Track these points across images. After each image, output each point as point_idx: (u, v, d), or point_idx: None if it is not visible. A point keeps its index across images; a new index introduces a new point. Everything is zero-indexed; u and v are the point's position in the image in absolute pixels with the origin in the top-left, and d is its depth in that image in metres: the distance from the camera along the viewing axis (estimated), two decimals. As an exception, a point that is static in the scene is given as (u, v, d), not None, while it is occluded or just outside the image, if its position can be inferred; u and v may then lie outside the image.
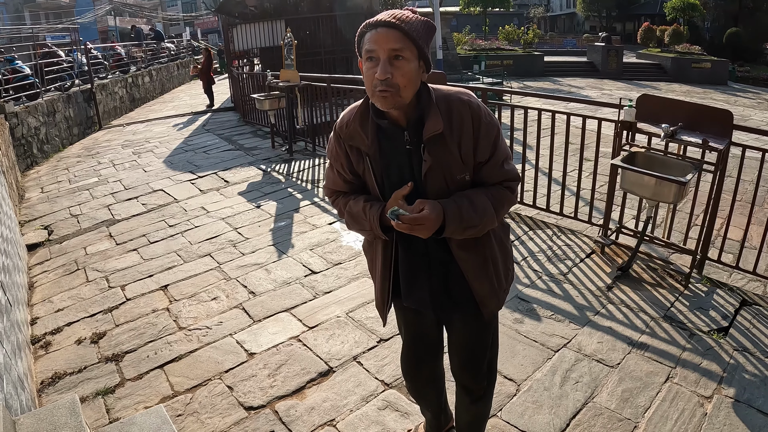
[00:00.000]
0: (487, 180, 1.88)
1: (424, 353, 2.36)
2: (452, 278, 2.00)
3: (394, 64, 1.67)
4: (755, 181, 4.30)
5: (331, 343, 3.64)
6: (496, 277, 2.02)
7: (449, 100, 1.80)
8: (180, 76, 24.68)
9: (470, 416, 2.42)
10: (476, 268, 1.96)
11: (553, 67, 26.06)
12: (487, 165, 1.85)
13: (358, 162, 1.90)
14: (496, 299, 2.07)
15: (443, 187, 1.83)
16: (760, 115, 15.05)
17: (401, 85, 1.68)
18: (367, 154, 1.85)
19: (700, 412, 2.91)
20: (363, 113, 1.85)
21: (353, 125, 1.85)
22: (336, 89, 8.24)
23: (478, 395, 2.31)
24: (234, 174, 7.91)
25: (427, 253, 1.95)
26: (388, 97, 1.68)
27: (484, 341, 2.22)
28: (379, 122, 1.81)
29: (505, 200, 1.89)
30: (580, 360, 3.36)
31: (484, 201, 1.81)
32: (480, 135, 1.80)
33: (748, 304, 3.94)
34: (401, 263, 2.03)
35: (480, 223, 1.81)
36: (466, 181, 1.85)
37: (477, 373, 2.25)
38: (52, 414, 2.44)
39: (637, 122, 4.42)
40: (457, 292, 2.02)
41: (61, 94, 11.89)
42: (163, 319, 4.05)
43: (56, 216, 6.71)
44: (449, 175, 1.81)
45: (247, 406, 3.09)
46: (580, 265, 4.56)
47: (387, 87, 1.66)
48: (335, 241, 5.25)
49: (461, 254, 1.93)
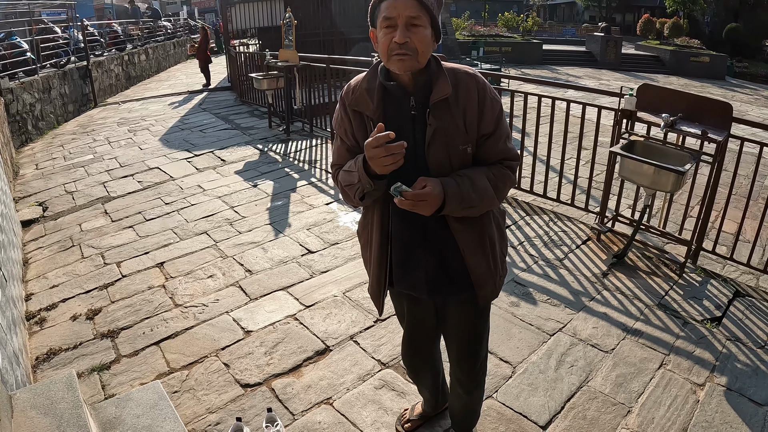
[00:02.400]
0: (489, 157, 1.90)
1: (422, 339, 2.38)
2: (449, 254, 1.99)
3: (411, 29, 1.71)
4: (750, 175, 4.32)
5: (328, 322, 3.65)
6: (492, 257, 2.03)
7: (456, 71, 1.85)
8: (176, 54, 24.43)
9: (462, 405, 2.46)
10: (473, 243, 1.96)
11: (552, 56, 26.01)
12: (489, 139, 1.87)
13: (360, 128, 1.90)
14: (493, 283, 2.06)
15: (445, 157, 1.83)
16: (757, 111, 15.10)
17: (419, 50, 1.72)
18: (371, 119, 1.84)
19: (692, 399, 2.95)
20: (370, 78, 1.88)
21: (359, 90, 1.87)
22: (335, 70, 8.19)
23: (470, 388, 2.34)
24: (230, 153, 7.88)
25: (424, 227, 1.94)
26: (405, 60, 1.72)
27: (479, 332, 2.24)
28: (387, 84, 1.83)
29: (506, 180, 1.91)
30: (575, 344, 3.39)
31: (484, 182, 1.82)
32: (485, 107, 1.83)
33: (741, 296, 3.98)
34: (395, 241, 2.01)
35: (479, 204, 1.83)
36: (467, 153, 1.86)
37: (472, 367, 2.28)
38: (49, 389, 2.44)
39: (637, 111, 4.43)
40: (453, 269, 2.01)
41: (57, 70, 11.75)
42: (159, 296, 4.05)
43: (51, 193, 6.67)
44: (452, 143, 1.82)
45: (243, 384, 3.10)
46: (576, 251, 4.58)
47: (406, 51, 1.71)
48: (332, 221, 5.25)
49: (459, 227, 1.93)
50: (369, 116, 1.85)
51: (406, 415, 2.77)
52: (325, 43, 12.92)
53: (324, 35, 13.07)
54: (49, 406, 2.34)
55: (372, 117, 1.83)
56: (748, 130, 4.74)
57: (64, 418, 2.29)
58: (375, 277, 2.11)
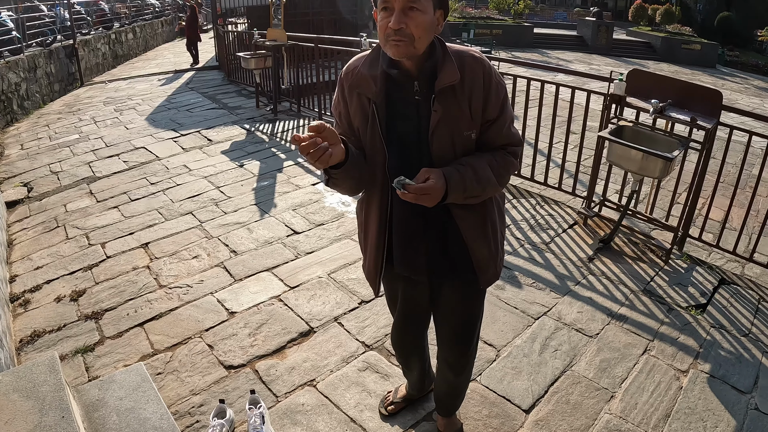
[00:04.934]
0: (492, 142, 1.85)
1: (414, 325, 2.37)
2: (450, 239, 1.95)
3: (408, 14, 1.63)
4: (737, 163, 4.32)
5: (312, 303, 3.63)
6: (494, 241, 2.00)
7: (462, 55, 1.77)
8: (164, 33, 24.13)
9: (449, 387, 2.44)
10: (475, 229, 1.93)
11: (542, 39, 25.89)
12: (494, 124, 1.82)
13: (359, 112, 1.83)
14: (494, 266, 2.04)
15: (448, 144, 1.78)
16: (746, 100, 15.15)
17: (415, 36, 1.64)
18: (374, 102, 1.78)
19: (675, 385, 2.96)
20: (372, 60, 1.80)
21: (361, 71, 1.80)
22: (323, 50, 8.11)
23: (459, 371, 2.32)
24: (217, 133, 7.81)
25: (426, 212, 1.85)
26: (401, 46, 1.65)
27: (476, 314, 2.22)
28: (390, 71, 1.75)
29: (509, 167, 1.86)
30: (559, 328, 3.39)
31: (487, 170, 1.78)
32: (491, 92, 1.77)
33: (726, 283, 4.00)
34: (396, 225, 1.97)
35: (482, 193, 1.80)
36: (471, 139, 1.81)
37: (466, 349, 2.26)
38: (31, 371, 2.41)
39: (627, 96, 4.41)
40: (455, 254, 1.98)
41: (43, 49, 11.58)
42: (144, 277, 4.01)
43: (36, 173, 6.58)
44: (456, 130, 1.77)
45: (227, 365, 3.08)
46: (562, 236, 4.58)
47: (401, 37, 1.63)
48: (318, 202, 5.22)
49: (460, 213, 1.89)
50: (371, 98, 1.79)
51: (389, 398, 2.76)
52: (314, 22, 12.78)
53: (313, 15, 12.93)
54: (31, 389, 2.32)
55: (374, 100, 1.78)
56: (737, 118, 4.75)
57: (46, 401, 2.26)
58: (372, 258, 2.07)
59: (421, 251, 1.98)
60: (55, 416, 2.20)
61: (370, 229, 2.02)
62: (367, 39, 7.40)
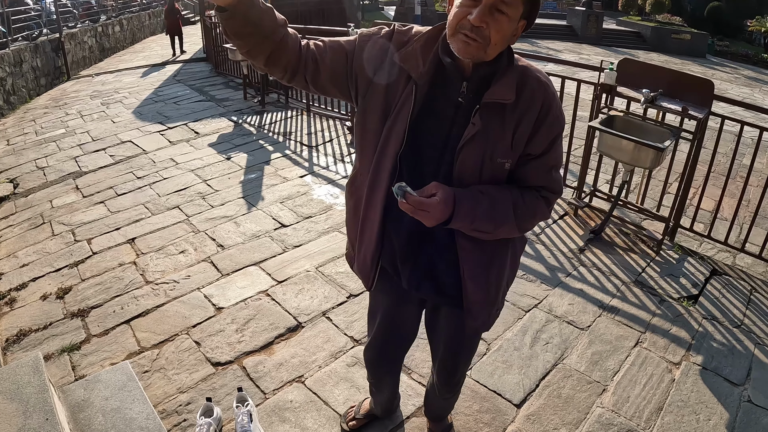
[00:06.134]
0: (527, 180, 1.62)
1: (395, 344, 2.16)
2: (444, 268, 1.73)
3: (494, 14, 1.39)
4: (728, 153, 4.31)
5: (300, 297, 3.58)
6: (495, 287, 1.77)
7: (527, 74, 1.55)
8: (152, 25, 23.95)
9: (439, 402, 2.37)
10: (477, 266, 1.69)
11: (532, 29, 25.63)
12: (534, 161, 1.59)
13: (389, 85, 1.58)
14: (486, 315, 1.82)
15: (476, 165, 1.54)
16: (736, 90, 15.18)
17: (492, 41, 1.41)
18: (416, 83, 1.54)
19: (668, 377, 2.94)
20: (429, 40, 1.57)
21: (415, 45, 1.56)
22: (311, 41, 8.03)
23: (446, 396, 2.26)
24: (204, 125, 7.72)
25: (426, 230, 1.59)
26: (471, 45, 1.41)
27: (468, 351, 2.07)
28: (443, 58, 1.52)
29: (537, 212, 1.63)
30: (550, 321, 3.36)
31: (508, 207, 1.55)
32: (543, 125, 1.54)
33: (718, 274, 3.98)
34: (392, 221, 1.71)
35: (493, 231, 1.57)
36: (504, 169, 1.57)
37: (450, 381, 2.16)
38: (15, 373, 2.37)
39: (618, 86, 4.37)
40: (446, 285, 1.76)
41: (29, 43, 11.47)
42: (130, 273, 3.94)
43: (22, 169, 6.50)
44: (490, 153, 1.53)
45: (214, 362, 3.03)
46: (552, 226, 4.55)
47: (476, 36, 1.40)
48: (306, 195, 5.16)
49: (466, 245, 1.65)
50: (414, 77, 1.54)
51: (351, 413, 2.61)
52: (302, 13, 12.68)
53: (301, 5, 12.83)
54: (15, 391, 2.28)
55: (417, 80, 1.54)
56: (727, 108, 4.72)
57: (30, 403, 2.22)
58: (371, 249, 1.78)
59: (410, 260, 1.76)
60: (39, 419, 2.16)
61: (370, 217, 1.74)
62: (355, 29, 7.31)
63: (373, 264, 1.83)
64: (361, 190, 1.74)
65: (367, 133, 1.66)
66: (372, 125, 1.64)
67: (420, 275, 1.77)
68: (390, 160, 1.60)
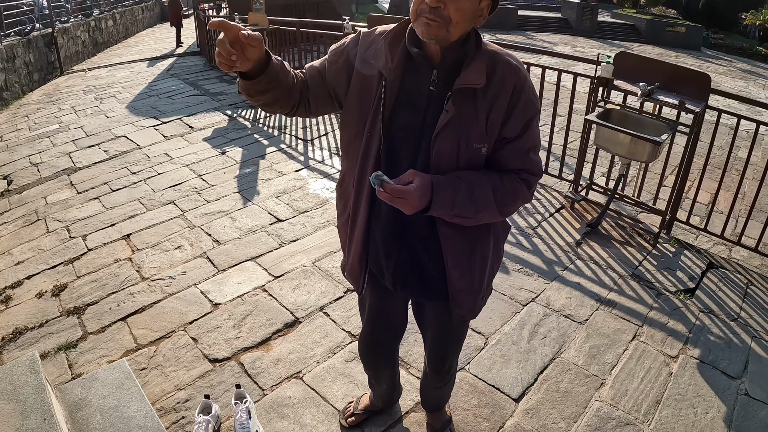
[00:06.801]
0: (506, 164, 1.62)
1: (384, 336, 2.19)
2: (427, 258, 1.75)
3: None
4: (724, 146, 4.30)
5: (297, 293, 3.57)
6: (479, 274, 1.78)
7: (496, 58, 1.55)
8: (145, 19, 23.80)
9: (431, 392, 2.38)
10: (460, 255, 1.71)
11: (527, 21, 25.77)
12: (510, 145, 1.59)
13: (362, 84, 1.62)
14: (472, 303, 1.83)
15: (452, 152, 1.55)
16: (731, 83, 15.20)
17: (453, 20, 1.42)
18: (385, 79, 1.56)
19: (665, 371, 2.94)
20: (396, 35, 1.59)
21: (382, 43, 1.58)
22: (306, 34, 8.00)
23: (439, 385, 2.27)
24: (199, 119, 7.69)
25: (408, 218, 1.61)
26: (432, 26, 1.42)
27: (455, 340, 2.09)
28: (411, 49, 1.55)
29: (518, 195, 1.63)
30: (548, 315, 3.36)
31: (487, 192, 1.56)
32: (516, 108, 1.55)
33: (714, 267, 3.99)
34: (376, 219, 1.74)
35: (473, 216, 1.58)
36: (481, 154, 1.58)
37: (440, 371, 2.17)
38: (12, 373, 2.36)
39: (614, 79, 4.36)
40: (429, 276, 1.77)
41: (21, 38, 11.39)
42: (126, 270, 3.92)
43: (16, 165, 6.46)
44: (465, 139, 1.54)
45: (212, 359, 3.02)
46: (549, 220, 4.55)
47: (435, 16, 1.41)
48: (302, 189, 5.14)
49: (447, 232, 1.67)
50: (383, 74, 1.57)
51: (350, 409, 2.61)
52: (296, 6, 12.61)
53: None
54: (12, 391, 2.26)
55: (387, 76, 1.56)
56: (722, 101, 4.72)
57: (27, 403, 2.21)
58: (358, 252, 1.82)
59: (393, 256, 1.77)
60: (36, 419, 2.15)
61: (357, 217, 1.76)
62: (350, 22, 7.29)
63: (362, 267, 1.86)
64: (349, 190, 1.77)
65: (350, 133, 1.69)
66: (353, 126, 1.67)
67: (404, 270, 1.79)
68: (372, 157, 1.62)
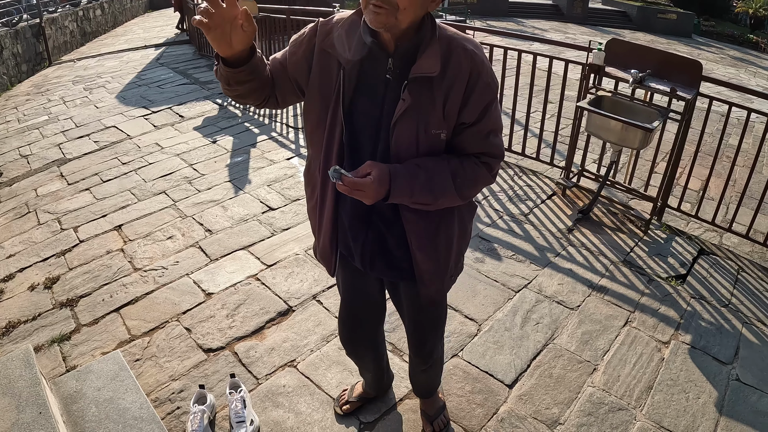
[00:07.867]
0: (465, 148, 1.63)
1: (363, 317, 2.17)
2: (392, 240, 1.77)
3: None
4: (715, 133, 4.32)
5: (290, 281, 3.57)
6: (444, 256, 1.80)
7: (452, 44, 1.54)
8: (134, 8, 23.60)
9: (419, 376, 2.36)
10: (424, 237, 1.73)
11: (518, 8, 25.68)
12: (469, 129, 1.59)
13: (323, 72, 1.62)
14: (440, 283, 1.85)
15: (412, 140, 1.56)
16: (722, 70, 15.25)
17: (400, 6, 1.40)
18: (343, 68, 1.57)
19: (657, 356, 2.97)
20: (353, 23, 1.58)
21: (339, 31, 1.58)
22: (296, 22, 7.94)
23: (424, 368, 2.25)
24: (189, 108, 7.64)
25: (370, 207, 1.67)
26: (380, 14, 1.40)
27: (433, 318, 2.08)
28: (365, 38, 1.53)
29: (478, 179, 1.64)
30: (540, 301, 3.38)
31: (446, 178, 1.57)
32: (473, 93, 1.54)
33: (705, 254, 4.02)
34: (344, 202, 1.76)
35: (434, 202, 1.60)
36: (440, 139, 1.58)
37: (421, 352, 2.16)
38: (6, 367, 2.36)
39: (606, 66, 4.36)
40: (395, 258, 1.79)
41: (8, 29, 11.30)
42: (118, 261, 3.90)
43: (5, 157, 6.40)
44: (424, 126, 1.55)
45: (206, 348, 3.02)
46: (541, 206, 4.56)
47: (382, 3, 1.39)
48: (293, 177, 5.13)
49: (410, 216, 1.68)
50: (342, 63, 1.57)
51: (344, 396, 2.62)
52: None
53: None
54: (7, 386, 2.27)
55: (345, 66, 1.57)
56: (714, 88, 4.73)
57: (22, 397, 2.22)
58: (328, 234, 1.83)
59: (360, 238, 1.79)
60: (32, 412, 2.15)
61: (325, 202, 1.78)
62: (340, 9, 7.25)
63: (333, 249, 1.88)
64: (315, 176, 1.79)
65: (313, 122, 1.70)
66: (315, 114, 1.67)
67: (372, 252, 1.81)
68: (336, 144, 1.63)
